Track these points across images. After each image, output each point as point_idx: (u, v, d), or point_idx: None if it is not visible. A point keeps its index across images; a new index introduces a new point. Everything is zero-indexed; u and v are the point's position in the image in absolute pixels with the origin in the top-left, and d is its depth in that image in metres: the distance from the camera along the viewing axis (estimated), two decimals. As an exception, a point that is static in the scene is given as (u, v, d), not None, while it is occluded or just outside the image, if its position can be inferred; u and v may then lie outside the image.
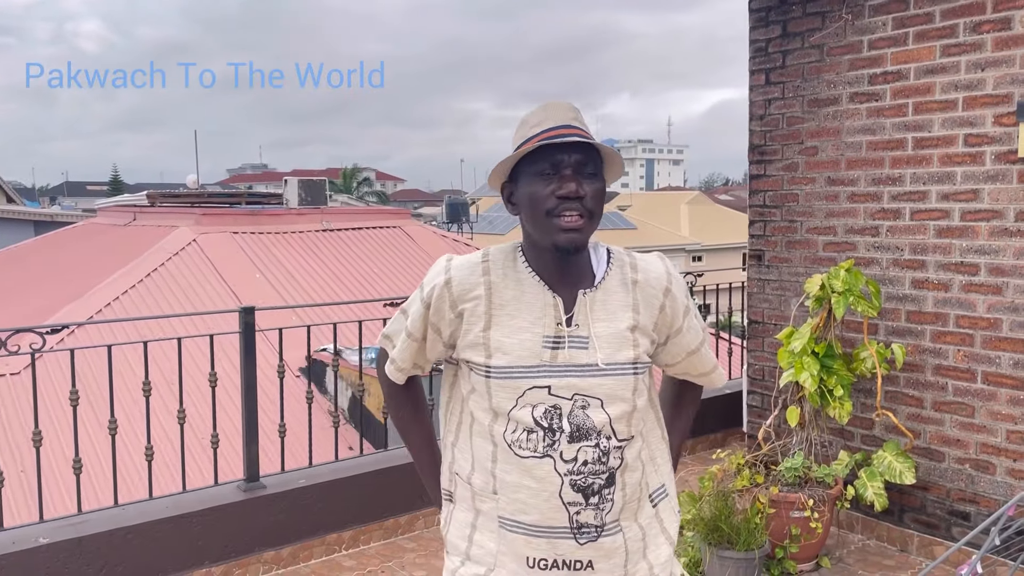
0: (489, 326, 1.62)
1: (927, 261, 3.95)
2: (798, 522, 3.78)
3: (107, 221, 15.06)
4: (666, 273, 1.70)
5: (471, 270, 1.65)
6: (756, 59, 4.62)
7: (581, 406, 1.59)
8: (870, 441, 4.22)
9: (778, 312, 4.62)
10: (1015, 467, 3.70)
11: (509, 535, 1.63)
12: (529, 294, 1.64)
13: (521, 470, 1.61)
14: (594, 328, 1.61)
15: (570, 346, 1.60)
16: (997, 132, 3.67)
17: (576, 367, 1.60)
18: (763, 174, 4.64)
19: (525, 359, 1.59)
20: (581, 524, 1.60)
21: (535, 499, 1.60)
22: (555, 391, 1.59)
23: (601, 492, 1.61)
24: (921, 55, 3.90)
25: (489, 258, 1.67)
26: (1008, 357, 3.70)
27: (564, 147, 1.57)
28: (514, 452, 1.60)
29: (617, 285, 1.66)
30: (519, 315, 1.62)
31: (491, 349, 1.61)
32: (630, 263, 1.69)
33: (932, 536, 4.01)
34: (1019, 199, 3.62)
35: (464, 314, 1.63)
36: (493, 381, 1.61)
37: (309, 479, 4.14)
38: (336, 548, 4.12)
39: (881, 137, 4.07)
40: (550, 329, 1.61)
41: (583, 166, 1.59)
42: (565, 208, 1.56)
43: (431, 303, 1.66)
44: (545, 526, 1.60)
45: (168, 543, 3.67)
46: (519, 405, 1.60)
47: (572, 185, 1.56)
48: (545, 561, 1.61)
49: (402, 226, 13.53)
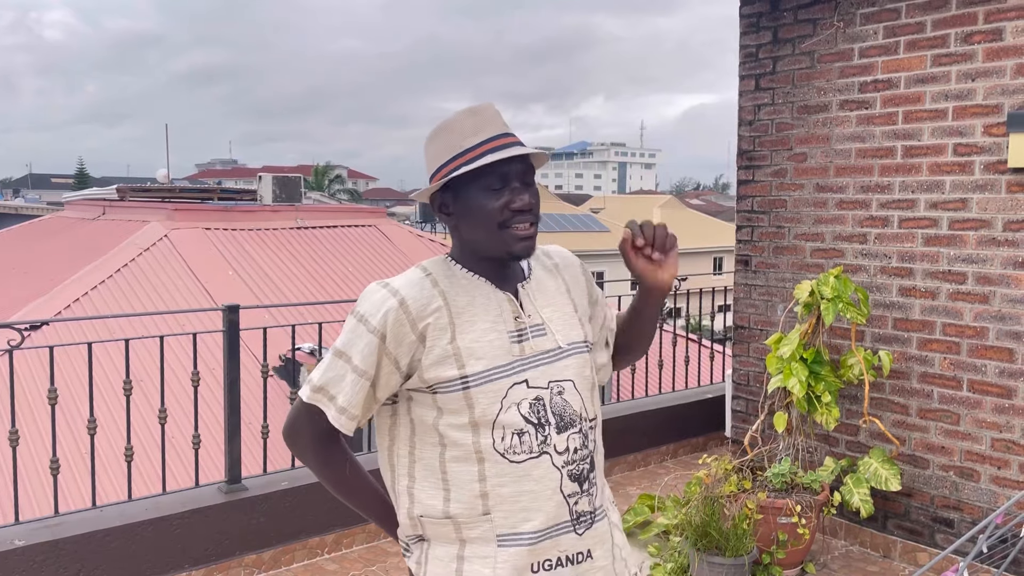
0: (455, 336, 1.58)
1: (915, 269, 3.99)
2: (785, 528, 3.80)
3: (75, 215, 14.80)
4: (571, 253, 1.84)
5: (420, 285, 1.60)
6: (746, 64, 4.64)
7: (558, 392, 1.63)
8: (855, 447, 4.25)
9: (764, 318, 4.64)
10: (999, 475, 3.75)
11: (508, 552, 1.58)
12: (480, 296, 1.63)
13: (518, 476, 1.58)
14: (543, 313, 1.67)
15: (533, 336, 1.64)
16: (986, 142, 3.71)
17: (543, 354, 1.64)
18: (751, 179, 4.66)
19: (499, 358, 1.59)
20: (580, 513, 1.63)
21: (537, 501, 1.58)
22: (533, 383, 1.60)
23: (589, 477, 1.65)
24: (912, 64, 3.94)
25: (430, 271, 1.64)
26: (994, 366, 3.74)
27: (511, 159, 1.59)
28: (508, 460, 1.57)
29: (543, 274, 1.74)
30: (479, 318, 1.61)
31: (463, 358, 1.57)
32: (542, 252, 1.78)
33: (915, 543, 4.04)
34: (1007, 209, 3.67)
35: (427, 331, 1.57)
36: (473, 391, 1.56)
37: (292, 481, 4.08)
38: (319, 552, 4.07)
39: (871, 145, 4.11)
40: (511, 324, 1.64)
41: (527, 175, 1.63)
42: (519, 220, 1.59)
43: (386, 332, 1.56)
44: (550, 527, 1.59)
45: (147, 546, 3.59)
46: (504, 408, 1.57)
47: (526, 198, 1.60)
48: (549, 562, 1.61)
49: (378, 225, 13.44)
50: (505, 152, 1.57)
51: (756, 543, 3.72)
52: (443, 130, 1.64)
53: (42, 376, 3.69)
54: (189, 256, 10.95)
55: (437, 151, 1.64)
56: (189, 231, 11.55)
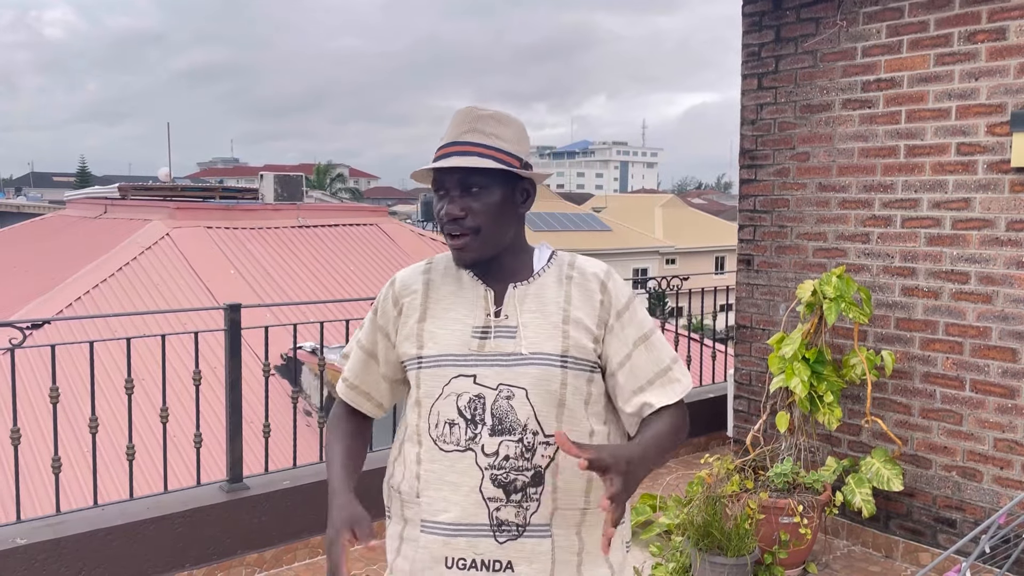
0: (424, 318, 1.69)
1: (917, 269, 3.98)
2: (787, 528, 3.79)
3: (77, 213, 14.80)
4: (604, 271, 1.72)
5: (413, 271, 1.77)
6: (749, 64, 4.63)
7: (506, 396, 1.61)
8: (857, 447, 4.24)
9: (767, 317, 4.63)
10: (1002, 475, 3.74)
11: (427, 538, 1.63)
12: (466, 289, 1.70)
13: (445, 465, 1.62)
14: (522, 318, 1.65)
15: (496, 335, 1.64)
16: (990, 141, 3.70)
17: (502, 355, 1.62)
18: (754, 179, 4.65)
19: (453, 348, 1.64)
20: (501, 521, 1.59)
21: (456, 494, 1.60)
22: (480, 380, 1.62)
23: (525, 490, 1.60)
24: (915, 63, 3.93)
25: (433, 262, 1.78)
26: (997, 366, 3.74)
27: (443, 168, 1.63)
28: (439, 447, 1.63)
29: (552, 281, 1.70)
30: (454, 308, 1.69)
31: (423, 340, 1.67)
32: (569, 262, 1.73)
33: (918, 543, 4.04)
34: (1011, 209, 3.66)
35: (403, 308, 1.72)
36: (423, 371, 1.66)
37: (293, 480, 4.08)
38: (320, 551, 4.07)
39: (873, 144, 4.10)
40: (480, 320, 1.66)
41: (468, 184, 1.62)
42: (449, 228, 1.64)
43: (378, 308, 1.77)
44: (465, 523, 1.60)
45: (149, 545, 3.59)
46: (444, 394, 1.63)
47: (448, 206, 1.63)
48: (464, 561, 1.60)
49: (379, 224, 13.44)
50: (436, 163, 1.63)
51: (758, 543, 3.71)
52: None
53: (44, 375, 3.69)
54: (191, 255, 10.96)
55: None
56: (191, 230, 11.56)
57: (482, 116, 1.67)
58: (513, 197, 1.67)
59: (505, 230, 1.66)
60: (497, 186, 1.64)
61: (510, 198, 1.66)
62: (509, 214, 1.66)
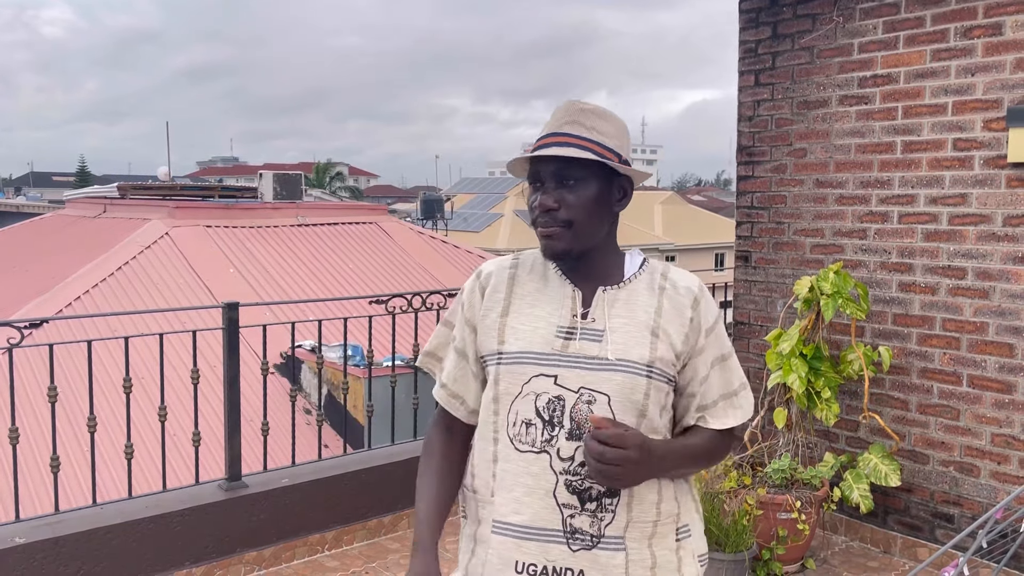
0: (507, 312, 1.65)
1: (914, 264, 3.98)
2: (785, 524, 3.80)
3: (76, 213, 14.81)
4: (698, 287, 1.68)
5: (500, 264, 1.74)
6: (746, 60, 4.63)
7: (587, 401, 1.56)
8: (855, 443, 4.25)
9: (764, 313, 4.64)
10: (999, 470, 3.75)
11: (498, 539, 1.60)
12: (552, 287, 1.67)
13: (520, 466, 1.59)
14: (611, 323, 1.60)
15: (582, 337, 1.60)
16: (986, 137, 3.70)
17: (586, 359, 1.58)
18: (751, 175, 4.65)
19: (536, 346, 1.60)
20: (575, 529, 1.56)
21: (530, 496, 1.57)
22: (561, 381, 1.58)
23: (600, 500, 1.56)
24: (911, 59, 3.93)
25: (520, 257, 1.74)
26: (993, 361, 3.74)
27: (542, 158, 1.61)
28: (515, 447, 1.59)
29: (644, 288, 1.65)
30: (539, 305, 1.65)
31: (505, 335, 1.63)
32: (662, 272, 1.69)
33: (915, 538, 4.04)
34: (1007, 204, 3.66)
35: (487, 299, 1.68)
36: (503, 367, 1.62)
37: (292, 478, 4.08)
38: (319, 548, 4.07)
39: (870, 140, 4.10)
40: (565, 320, 1.62)
41: (564, 176, 1.60)
42: (541, 220, 1.61)
43: (464, 302, 1.73)
44: (537, 527, 1.56)
45: (148, 543, 3.60)
46: (523, 393, 1.59)
47: (543, 198, 1.61)
48: (535, 567, 1.56)
49: (379, 222, 13.45)
50: (534, 152, 1.61)
51: (756, 539, 3.72)
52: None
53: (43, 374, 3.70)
54: (190, 254, 10.97)
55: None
56: (190, 229, 11.57)
57: (584, 109, 1.64)
58: (610, 193, 1.63)
59: (598, 227, 1.62)
60: (594, 180, 1.60)
61: (606, 194, 1.62)
62: (604, 211, 1.63)
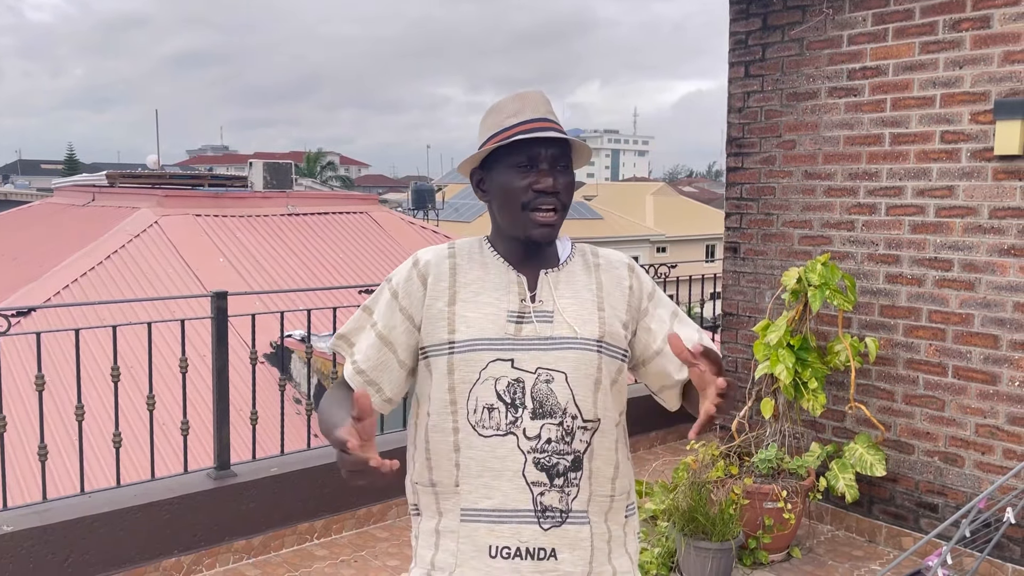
0: (453, 301, 1.65)
1: (901, 256, 4.01)
2: (771, 513, 3.83)
3: (65, 201, 14.72)
4: (627, 259, 1.77)
5: (437, 253, 1.72)
6: (736, 51, 4.64)
7: (545, 380, 1.60)
8: (841, 433, 4.28)
9: (752, 304, 4.66)
10: (983, 460, 3.78)
11: (470, 526, 1.61)
12: (493, 274, 1.69)
13: (485, 451, 1.60)
14: (559, 303, 1.65)
15: (536, 320, 1.63)
16: (974, 130, 3.72)
17: (541, 340, 1.62)
18: (740, 167, 4.67)
19: (489, 332, 1.62)
20: (545, 507, 1.58)
21: (498, 480, 1.59)
22: (518, 364, 1.60)
23: (567, 475, 1.60)
24: (900, 51, 3.94)
25: (455, 246, 1.74)
26: (979, 352, 3.77)
27: (542, 141, 1.62)
28: (478, 433, 1.60)
29: (580, 268, 1.72)
30: (484, 292, 1.66)
31: (455, 324, 1.63)
32: (591, 251, 1.76)
33: (900, 527, 4.08)
34: (993, 196, 3.69)
35: (430, 289, 1.66)
36: (456, 356, 1.62)
37: (281, 467, 4.09)
38: (308, 537, 4.08)
39: (859, 132, 4.12)
40: (514, 305, 1.64)
41: (558, 160, 1.64)
42: (541, 202, 1.62)
43: (399, 290, 1.69)
44: (509, 509, 1.58)
45: (136, 532, 3.60)
46: (481, 379, 1.60)
47: (549, 180, 1.62)
48: (508, 550, 1.58)
49: (369, 212, 13.41)
50: (535, 133, 1.62)
51: (742, 528, 3.75)
52: (491, 111, 1.71)
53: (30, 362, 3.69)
54: (179, 243, 10.92)
55: (482, 130, 1.71)
56: (179, 217, 11.51)
57: (547, 99, 1.71)
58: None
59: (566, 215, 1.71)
60: (571, 169, 1.69)
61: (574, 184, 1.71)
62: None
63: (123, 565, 3.55)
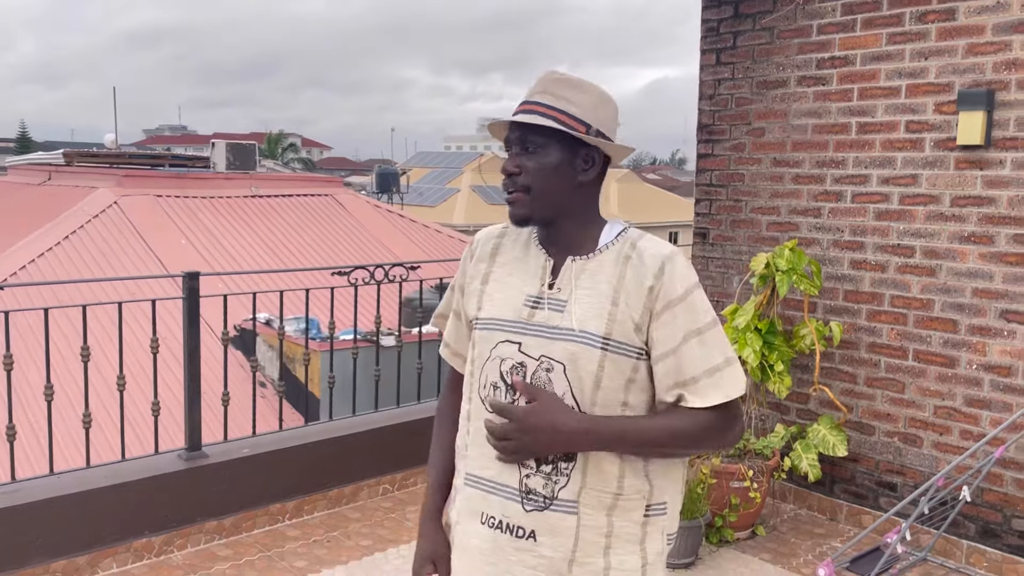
0: (487, 280, 1.74)
1: (865, 243, 4.13)
2: (737, 492, 3.94)
3: (20, 180, 14.43)
4: (667, 255, 1.64)
5: (489, 233, 1.82)
6: (707, 39, 4.71)
7: (546, 368, 1.62)
8: (805, 415, 4.40)
9: (721, 289, 4.76)
10: (941, 440, 3.93)
11: (469, 490, 1.70)
12: (530, 257, 1.73)
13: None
14: (575, 294, 1.64)
15: (549, 307, 1.65)
16: (937, 120, 3.84)
17: (548, 328, 1.63)
18: (710, 153, 4.76)
19: (506, 313, 1.68)
20: (529, 489, 1.62)
21: (495, 453, 1.64)
22: (524, 349, 1.64)
23: (556, 464, 1.61)
24: (868, 42, 4.05)
25: (508, 225, 1.78)
26: (938, 336, 3.91)
27: (512, 124, 1.66)
28: (485, 407, 1.67)
29: (610, 259, 1.66)
30: (515, 274, 1.72)
31: (482, 302, 1.72)
32: (632, 241, 1.68)
33: (860, 506, 4.22)
34: (955, 185, 3.81)
35: (472, 264, 1.79)
36: (477, 332, 1.71)
37: (253, 448, 4.11)
38: (280, 518, 4.11)
39: (826, 121, 4.22)
40: (535, 289, 1.68)
41: (525, 142, 1.65)
42: (505, 184, 1.68)
43: (461, 267, 1.83)
44: (500, 483, 1.65)
45: (107, 512, 3.60)
46: (491, 357, 1.67)
47: (508, 164, 1.67)
48: (494, 520, 1.65)
49: (334, 195, 13.35)
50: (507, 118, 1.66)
51: (710, 506, 3.85)
52: None
53: (-4, 341, 3.65)
54: (140, 224, 10.79)
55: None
56: (140, 198, 11.37)
57: (559, 80, 1.66)
58: (573, 162, 1.64)
59: (560, 195, 1.65)
60: (555, 148, 1.63)
61: (568, 162, 1.64)
62: (565, 178, 1.64)
63: (93, 545, 3.55)
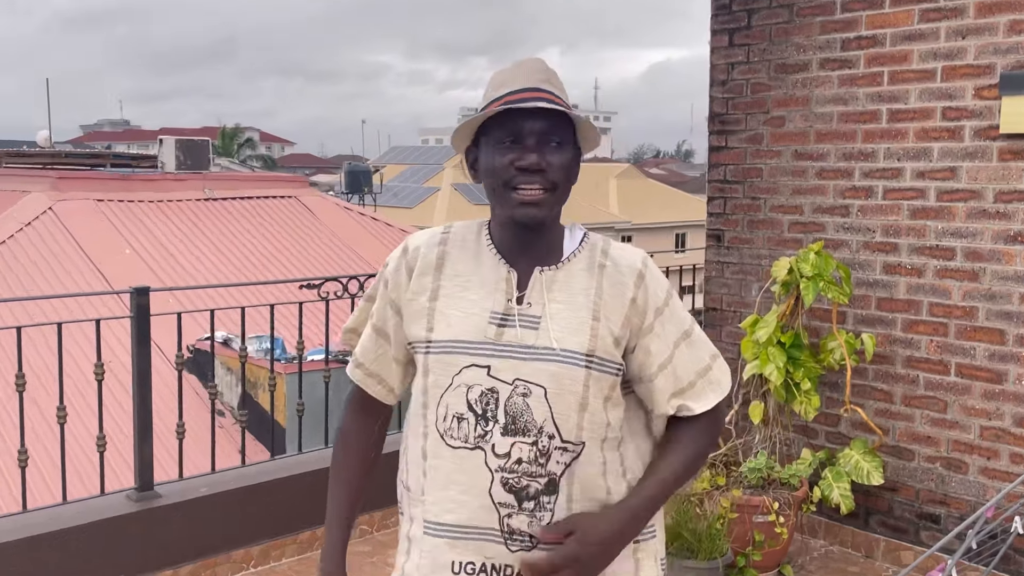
0: (436, 297, 1.69)
1: (900, 244, 4.14)
2: (762, 527, 3.93)
3: (-60, 184, 14.32)
4: (642, 262, 1.71)
5: (429, 240, 1.74)
6: (719, 17, 4.73)
7: (522, 393, 1.61)
8: (834, 438, 4.41)
9: (738, 298, 4.77)
10: (988, 466, 3.94)
11: (431, 541, 1.66)
12: (485, 268, 1.70)
13: (453, 463, 1.64)
14: (549, 308, 1.64)
15: (520, 325, 1.64)
16: (977, 106, 3.87)
17: (521, 348, 1.62)
18: (724, 146, 4.77)
19: (468, 334, 1.64)
20: (512, 530, 1.62)
21: (465, 495, 1.63)
22: (495, 372, 1.62)
23: (538, 498, 1.61)
24: (898, 19, 4.07)
25: (451, 230, 1.75)
26: (983, 348, 3.92)
27: (527, 113, 1.61)
28: (446, 443, 1.64)
29: (582, 268, 1.68)
30: (470, 288, 1.68)
31: (434, 322, 1.67)
32: (602, 248, 1.72)
33: (899, 540, 4.23)
34: (999, 178, 3.83)
35: (415, 280, 1.71)
36: (431, 357, 1.66)
37: (211, 487, 4.08)
38: (244, 565, 4.08)
39: (853, 108, 4.24)
40: (499, 305, 1.66)
41: (548, 135, 1.63)
42: (524, 180, 1.61)
43: (388, 279, 1.75)
44: (472, 526, 1.62)
45: (46, 563, 3.57)
46: (454, 384, 1.63)
47: (533, 156, 1.61)
48: (472, 565, 1.63)
49: (299, 196, 13.33)
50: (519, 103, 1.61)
51: (731, 544, 3.85)
52: (488, 82, 1.71)
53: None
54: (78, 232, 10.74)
55: (481, 103, 1.71)
56: (78, 203, 11.33)
57: (551, 70, 1.69)
58: (575, 165, 1.68)
59: (565, 198, 1.67)
60: (569, 146, 1.66)
61: (575, 164, 1.68)
62: (572, 181, 1.68)
63: (31, 601, 3.52)
